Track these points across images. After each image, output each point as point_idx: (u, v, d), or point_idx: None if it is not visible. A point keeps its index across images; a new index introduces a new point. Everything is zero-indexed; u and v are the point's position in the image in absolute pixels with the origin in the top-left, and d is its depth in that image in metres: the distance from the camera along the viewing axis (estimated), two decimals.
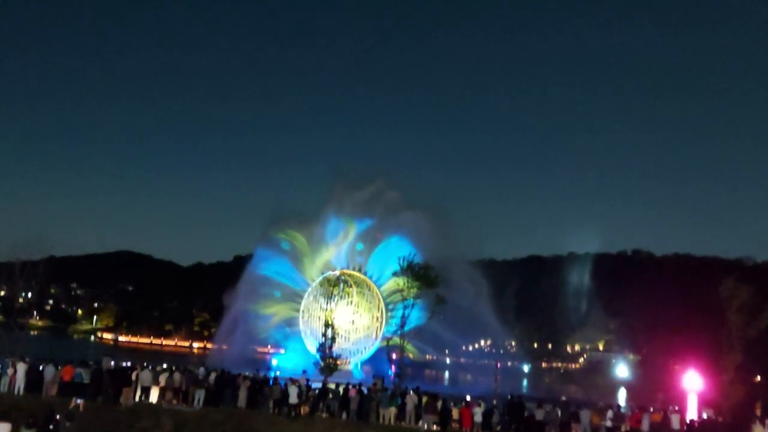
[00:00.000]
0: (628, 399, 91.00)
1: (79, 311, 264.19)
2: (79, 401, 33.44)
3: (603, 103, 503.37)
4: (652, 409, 41.75)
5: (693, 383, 59.62)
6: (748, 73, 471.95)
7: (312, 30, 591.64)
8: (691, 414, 46.98)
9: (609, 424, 39.77)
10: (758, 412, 60.41)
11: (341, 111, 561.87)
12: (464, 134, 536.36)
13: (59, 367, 40.89)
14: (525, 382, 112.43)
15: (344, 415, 40.46)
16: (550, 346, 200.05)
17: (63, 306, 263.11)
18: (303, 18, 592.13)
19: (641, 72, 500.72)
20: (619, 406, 46.66)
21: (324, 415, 40.71)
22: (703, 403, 51.54)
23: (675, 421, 38.77)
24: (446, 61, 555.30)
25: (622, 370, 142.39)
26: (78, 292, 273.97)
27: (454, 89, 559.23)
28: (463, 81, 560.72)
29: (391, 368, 54.41)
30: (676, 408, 43.58)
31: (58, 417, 25.82)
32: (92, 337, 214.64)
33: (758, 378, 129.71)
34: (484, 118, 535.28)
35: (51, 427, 25.43)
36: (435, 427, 39.01)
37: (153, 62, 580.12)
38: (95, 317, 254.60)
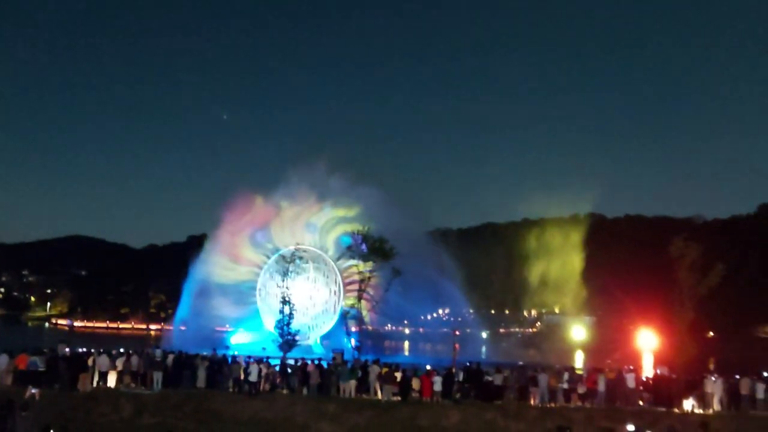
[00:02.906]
0: (585, 360, 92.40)
1: (32, 298, 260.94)
2: (34, 390, 33.03)
3: (551, 66, 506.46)
4: (607, 370, 42.41)
5: (647, 342, 60.80)
6: (695, 26, 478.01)
7: (262, 9, 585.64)
8: (647, 372, 47.84)
9: (566, 386, 40.31)
10: (711, 367, 61.92)
11: (292, 88, 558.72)
12: (412, 104, 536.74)
13: (13, 356, 40.34)
14: (484, 349, 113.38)
15: (305, 391, 40.58)
16: (507, 311, 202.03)
17: (15, 293, 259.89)
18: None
19: (586, 32, 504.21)
20: (575, 368, 47.33)
21: (284, 391, 40.81)
22: (658, 361, 52.51)
23: (630, 380, 39.48)
24: (393, 29, 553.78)
25: (578, 332, 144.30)
26: (30, 278, 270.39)
27: (399, 59, 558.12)
28: (408, 51, 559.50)
29: (350, 341, 54.61)
30: (631, 367, 44.34)
31: (13, 407, 25.48)
32: (47, 324, 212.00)
33: (710, 334, 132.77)
34: (432, 88, 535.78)
35: (6, 417, 25.10)
36: (395, 397, 39.25)
37: (100, 42, 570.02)
38: (49, 304, 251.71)
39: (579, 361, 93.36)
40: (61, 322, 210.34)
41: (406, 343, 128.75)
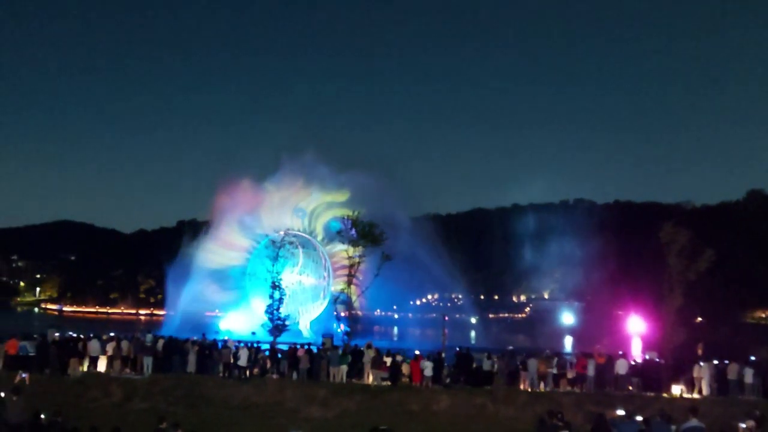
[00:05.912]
0: (574, 345, 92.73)
1: (22, 283, 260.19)
2: (24, 375, 33.01)
3: (539, 53, 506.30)
4: (596, 355, 42.50)
5: (636, 327, 61.01)
6: (680, 12, 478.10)
7: None
8: (636, 357, 48.05)
9: (555, 371, 40.41)
10: (700, 352, 62.18)
11: (282, 72, 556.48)
12: (403, 90, 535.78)
13: (3, 341, 40.26)
14: (473, 334, 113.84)
15: (294, 375, 40.63)
16: (496, 297, 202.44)
17: (4, 279, 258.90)
18: None
19: (572, 20, 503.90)
20: (564, 354, 47.47)
21: (274, 376, 40.85)
22: (647, 346, 52.71)
23: (621, 366, 39.63)
24: (384, 15, 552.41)
25: (567, 317, 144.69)
26: (19, 264, 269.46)
27: (389, 46, 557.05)
28: (398, 37, 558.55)
29: (339, 326, 54.67)
30: (621, 352, 44.45)
31: (3, 393, 25.43)
32: (36, 309, 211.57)
33: (699, 319, 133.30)
34: (423, 73, 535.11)
35: None
36: (384, 382, 39.34)
37: (82, 23, 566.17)
38: (38, 289, 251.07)
39: (568, 346, 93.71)
40: (50, 307, 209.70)
41: (396, 328, 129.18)
